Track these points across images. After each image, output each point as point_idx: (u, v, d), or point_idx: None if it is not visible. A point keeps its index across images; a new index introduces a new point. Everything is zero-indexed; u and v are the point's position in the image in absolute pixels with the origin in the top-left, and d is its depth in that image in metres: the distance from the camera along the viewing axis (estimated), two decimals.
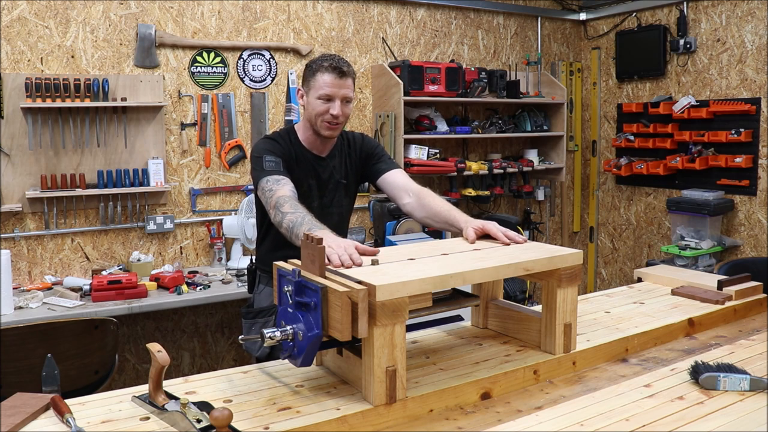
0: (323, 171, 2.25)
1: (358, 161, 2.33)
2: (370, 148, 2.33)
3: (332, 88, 2.09)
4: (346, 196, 2.34)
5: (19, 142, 3.30)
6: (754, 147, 4.19)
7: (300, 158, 2.20)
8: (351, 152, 2.32)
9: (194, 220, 3.80)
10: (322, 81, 2.10)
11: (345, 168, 2.30)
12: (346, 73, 2.12)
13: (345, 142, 2.31)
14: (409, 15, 4.45)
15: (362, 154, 2.32)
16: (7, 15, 3.26)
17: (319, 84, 2.10)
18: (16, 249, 3.34)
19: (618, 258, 5.29)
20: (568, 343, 1.58)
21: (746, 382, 1.37)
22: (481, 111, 4.80)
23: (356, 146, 2.33)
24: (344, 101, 2.13)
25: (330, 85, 2.09)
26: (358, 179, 2.36)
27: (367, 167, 2.32)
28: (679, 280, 2.21)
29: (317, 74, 2.12)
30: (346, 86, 2.12)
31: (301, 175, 2.17)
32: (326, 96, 2.10)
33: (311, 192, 2.22)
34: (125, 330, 3.62)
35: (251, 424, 1.23)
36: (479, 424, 1.32)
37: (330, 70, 2.09)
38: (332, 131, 2.16)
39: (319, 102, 2.11)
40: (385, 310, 1.27)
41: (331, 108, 2.10)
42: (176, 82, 3.70)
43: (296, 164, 2.18)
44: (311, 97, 2.13)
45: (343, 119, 2.15)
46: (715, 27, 4.39)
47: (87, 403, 1.34)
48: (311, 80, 2.14)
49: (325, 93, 2.09)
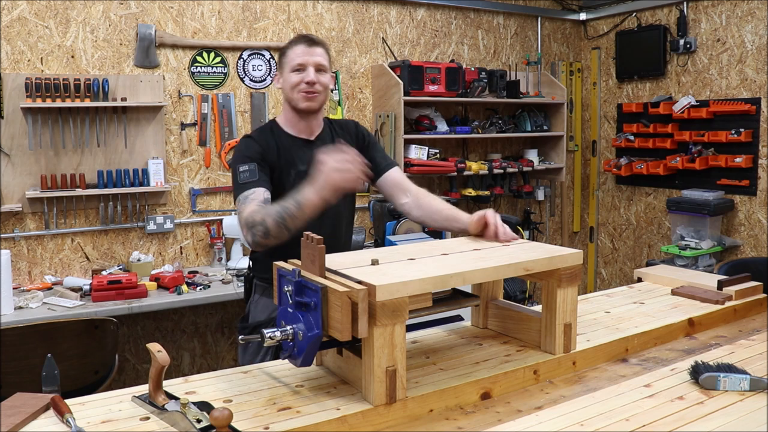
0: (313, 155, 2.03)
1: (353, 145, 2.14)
2: (364, 137, 2.24)
3: (303, 57, 2.04)
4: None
5: (19, 142, 3.30)
6: (754, 147, 4.19)
7: (283, 146, 2.10)
8: (344, 136, 2.20)
9: (194, 220, 3.80)
10: (293, 53, 2.06)
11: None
12: (316, 41, 2.09)
13: (335, 126, 2.22)
14: (409, 15, 4.45)
15: (358, 140, 2.20)
16: (7, 15, 3.26)
17: (290, 57, 2.07)
18: (16, 249, 3.34)
19: (618, 258, 5.29)
20: (568, 343, 1.58)
21: (746, 382, 1.37)
22: (481, 111, 4.80)
23: (349, 131, 2.23)
24: (318, 69, 2.06)
25: (301, 54, 2.05)
26: None
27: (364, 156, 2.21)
28: (679, 280, 2.21)
29: (288, 50, 2.09)
30: (316, 54, 2.06)
31: (286, 164, 2.08)
32: (298, 65, 2.05)
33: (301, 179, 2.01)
34: (125, 330, 3.62)
35: (251, 424, 1.23)
36: (479, 424, 1.32)
37: (298, 41, 2.08)
38: (310, 102, 2.07)
39: (293, 74, 2.06)
40: (385, 310, 1.27)
41: (305, 76, 2.04)
42: (176, 82, 3.70)
43: (279, 154, 2.08)
44: (285, 73, 2.08)
45: (320, 87, 2.07)
46: (715, 27, 4.39)
47: (87, 403, 1.34)
48: (284, 59, 2.10)
49: (297, 63, 2.05)
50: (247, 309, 2.24)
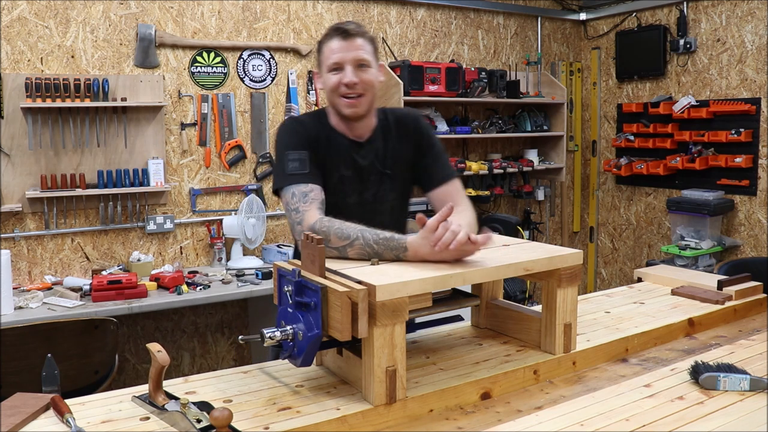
0: (362, 159, 1.86)
1: (410, 147, 1.92)
2: (426, 137, 1.94)
3: (339, 53, 1.75)
4: (392, 190, 1.92)
5: (19, 142, 3.30)
6: (754, 147, 4.19)
7: (330, 143, 1.84)
8: (400, 134, 1.91)
9: (194, 220, 3.80)
10: (329, 50, 1.78)
11: (391, 155, 1.89)
12: (353, 32, 1.77)
13: (392, 123, 1.91)
14: (409, 15, 4.45)
15: (417, 139, 1.92)
16: (7, 15, 3.26)
17: (326, 54, 1.78)
18: (16, 249, 3.34)
19: (618, 258, 5.28)
20: (568, 343, 1.58)
21: (746, 382, 1.37)
22: (481, 111, 4.80)
23: (408, 127, 1.93)
24: (358, 65, 1.76)
25: (336, 50, 1.76)
26: (410, 170, 1.94)
27: (421, 165, 1.93)
28: (679, 280, 2.21)
29: (323, 46, 1.80)
30: (354, 47, 1.76)
31: (332, 164, 1.83)
32: (334, 65, 1.76)
33: (345, 185, 1.85)
34: (125, 330, 3.62)
35: (251, 424, 1.23)
36: (479, 424, 1.32)
37: (333, 34, 1.77)
38: (354, 107, 1.78)
39: (330, 75, 1.78)
40: (385, 310, 1.27)
41: (343, 76, 1.75)
42: (176, 82, 3.70)
43: (327, 150, 1.83)
44: (324, 73, 1.81)
45: (362, 88, 1.77)
46: (715, 27, 4.39)
47: (87, 403, 1.34)
48: (321, 56, 1.82)
49: (332, 62, 1.76)
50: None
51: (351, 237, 1.53)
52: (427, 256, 1.47)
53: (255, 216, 3.72)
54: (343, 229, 1.55)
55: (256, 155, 3.96)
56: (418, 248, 1.48)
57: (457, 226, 1.45)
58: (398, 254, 1.50)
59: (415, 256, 1.48)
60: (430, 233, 1.45)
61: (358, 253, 1.52)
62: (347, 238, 1.53)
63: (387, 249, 1.50)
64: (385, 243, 1.51)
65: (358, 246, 1.52)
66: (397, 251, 1.50)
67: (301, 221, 1.66)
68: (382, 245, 1.50)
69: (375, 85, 1.82)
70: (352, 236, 1.53)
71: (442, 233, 1.44)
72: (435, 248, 1.44)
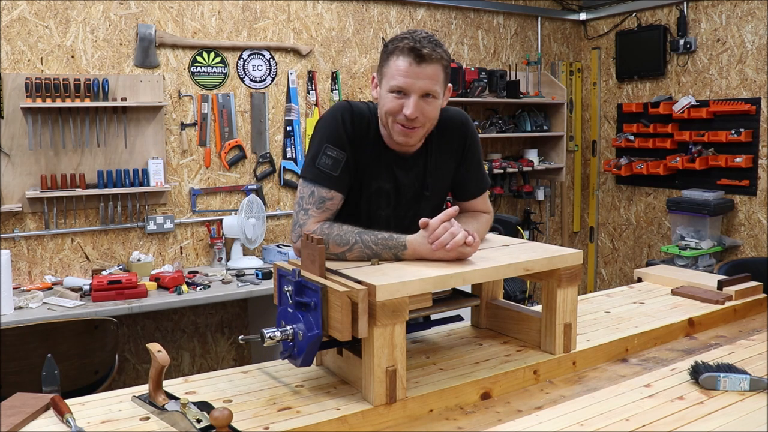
0: (404, 175, 1.71)
1: (453, 160, 1.77)
2: (470, 148, 1.78)
3: (406, 78, 1.55)
4: (426, 209, 1.76)
5: (19, 142, 3.29)
6: (754, 147, 4.19)
7: (376, 152, 1.68)
8: (443, 146, 1.74)
9: (194, 220, 3.80)
10: (395, 68, 1.56)
11: (432, 172, 1.74)
12: (428, 57, 1.54)
13: (436, 132, 1.71)
14: (409, 15, 4.45)
15: (461, 151, 1.77)
16: (7, 15, 3.26)
17: (392, 72, 1.57)
18: (16, 249, 3.34)
19: (618, 258, 5.28)
20: (568, 343, 1.58)
21: (746, 382, 1.37)
22: (481, 111, 4.80)
23: (453, 137, 1.75)
24: (424, 96, 1.57)
25: (404, 74, 1.55)
26: (448, 184, 1.81)
27: (458, 175, 1.79)
28: (679, 280, 2.21)
29: (391, 58, 1.59)
30: (425, 76, 1.55)
31: (372, 173, 1.69)
32: (398, 88, 1.56)
33: (381, 197, 1.72)
34: (125, 330, 3.62)
35: (251, 424, 1.23)
36: (479, 424, 1.32)
37: (405, 53, 1.55)
38: (407, 137, 1.61)
39: (390, 96, 1.58)
40: (385, 310, 1.27)
41: (405, 106, 1.56)
42: (176, 82, 3.70)
43: (370, 157, 1.68)
44: (383, 88, 1.62)
45: (422, 122, 1.59)
46: (715, 27, 4.39)
47: (87, 403, 1.34)
48: (384, 66, 1.61)
49: (397, 84, 1.56)
50: None
51: (350, 242, 1.52)
52: (425, 254, 1.49)
53: (255, 216, 3.72)
54: (341, 235, 1.53)
55: (256, 155, 3.96)
56: (417, 246, 1.49)
57: (457, 228, 1.46)
58: (397, 252, 1.51)
59: (413, 255, 1.50)
60: (430, 232, 1.47)
61: (358, 256, 1.53)
62: (346, 244, 1.52)
63: (386, 248, 1.51)
64: (384, 243, 1.52)
65: (357, 249, 1.52)
66: (395, 249, 1.51)
67: (304, 224, 1.61)
68: (381, 245, 1.52)
69: (434, 119, 1.64)
70: (351, 241, 1.52)
71: (441, 233, 1.46)
72: (432, 247, 1.46)
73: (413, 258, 1.50)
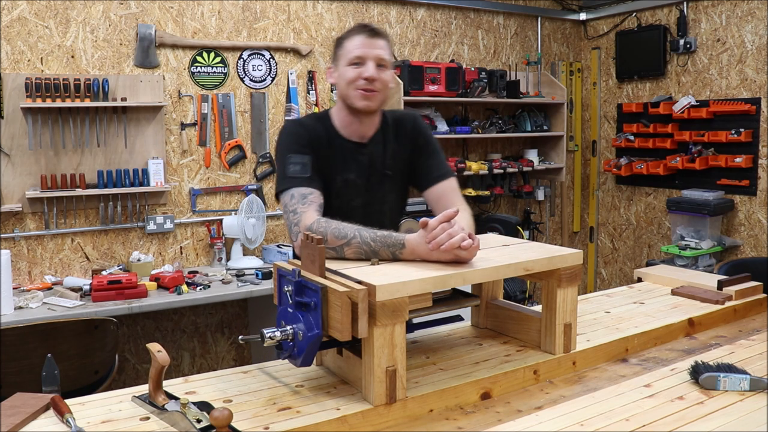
0: (364, 161, 1.90)
1: (408, 148, 1.97)
2: (423, 136, 1.99)
3: (363, 49, 1.81)
4: (392, 191, 1.98)
5: (19, 142, 3.29)
6: (754, 147, 4.19)
7: (334, 146, 1.88)
8: (399, 136, 1.96)
9: (194, 220, 3.80)
10: (351, 45, 1.83)
11: (391, 155, 1.95)
12: (378, 32, 1.84)
13: (391, 124, 1.97)
14: (409, 15, 4.45)
15: (414, 140, 1.97)
16: (7, 15, 3.26)
17: (348, 49, 1.83)
18: (16, 249, 3.34)
19: (618, 258, 5.28)
20: (568, 343, 1.58)
21: (746, 382, 1.37)
22: (481, 111, 4.80)
23: (406, 129, 1.98)
24: (379, 64, 1.82)
25: (360, 45, 1.81)
26: (408, 170, 1.99)
27: (417, 164, 1.98)
28: (679, 280, 2.21)
29: (345, 42, 1.85)
30: (377, 46, 1.82)
31: (334, 168, 1.86)
32: (357, 59, 1.81)
33: (349, 188, 1.89)
34: (125, 330, 3.62)
35: (251, 424, 1.23)
36: (479, 424, 1.32)
37: (359, 31, 1.84)
38: (368, 100, 1.83)
39: (350, 68, 1.82)
40: (385, 310, 1.27)
41: (364, 71, 1.80)
42: (176, 82, 3.70)
43: (330, 153, 1.87)
44: (341, 67, 1.85)
45: (380, 85, 1.83)
46: (715, 27, 4.39)
47: (87, 403, 1.34)
48: (339, 51, 1.87)
49: (355, 55, 1.81)
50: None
51: (348, 236, 1.54)
52: (423, 254, 1.48)
53: (255, 216, 3.72)
54: (340, 228, 1.56)
55: (256, 155, 3.96)
56: (415, 246, 1.49)
57: (456, 229, 1.46)
58: (395, 251, 1.51)
59: (412, 254, 1.50)
60: (428, 231, 1.47)
61: (356, 252, 1.53)
62: (344, 237, 1.54)
63: (384, 246, 1.51)
64: (383, 240, 1.52)
65: (356, 244, 1.53)
66: (394, 248, 1.51)
67: (299, 222, 1.67)
68: (380, 242, 1.52)
69: (388, 86, 1.87)
70: (349, 235, 1.54)
71: (438, 233, 1.45)
72: (429, 246, 1.46)
73: (411, 257, 1.50)
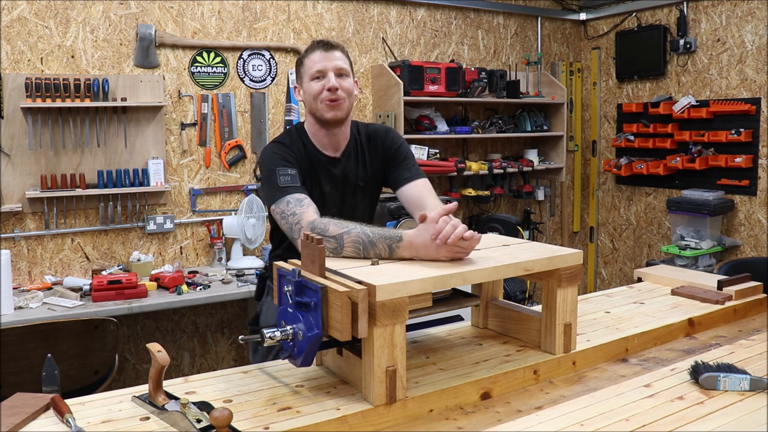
0: (338, 173, 2.02)
1: (379, 159, 2.08)
2: (393, 145, 2.09)
3: (322, 62, 1.93)
4: (363, 200, 2.10)
5: (19, 142, 3.30)
6: (754, 147, 4.19)
7: (311, 161, 1.98)
8: (371, 148, 2.08)
9: (194, 220, 3.80)
10: (311, 61, 1.95)
11: (363, 167, 2.06)
12: (333, 44, 1.97)
13: (363, 137, 2.08)
14: (409, 15, 4.45)
15: (385, 151, 2.08)
16: (7, 15, 3.26)
17: (308, 66, 1.95)
18: (16, 249, 3.34)
19: (618, 258, 5.28)
20: (568, 343, 1.58)
21: (746, 382, 1.37)
22: (481, 111, 4.80)
23: (378, 142, 2.09)
24: (339, 74, 1.94)
25: (318, 60, 1.93)
26: (379, 180, 2.12)
27: (390, 170, 2.08)
28: (679, 280, 2.21)
29: (305, 59, 1.98)
30: (335, 58, 1.95)
31: (312, 182, 1.97)
32: (318, 72, 1.93)
33: (325, 199, 1.99)
34: (125, 330, 3.62)
35: (251, 424, 1.23)
36: (479, 424, 1.32)
37: (315, 47, 1.96)
38: (335, 110, 1.93)
39: (313, 83, 1.94)
40: (385, 310, 1.27)
41: (326, 82, 1.91)
42: (176, 82, 3.70)
43: (309, 167, 1.97)
44: (305, 84, 1.97)
45: (343, 93, 1.93)
46: (715, 27, 4.39)
47: (87, 403, 1.34)
48: (301, 69, 1.99)
49: (316, 70, 1.93)
50: (259, 308, 2.19)
51: (348, 227, 1.58)
52: (421, 248, 1.48)
53: (255, 216, 3.72)
54: (341, 222, 1.62)
55: (256, 155, 3.96)
56: (413, 239, 1.49)
57: (457, 221, 1.47)
58: (392, 244, 1.51)
59: (409, 247, 1.49)
60: (430, 224, 1.47)
61: (354, 242, 1.54)
62: (345, 227, 1.58)
63: (382, 239, 1.52)
64: (381, 233, 1.54)
65: (355, 234, 1.55)
66: (391, 241, 1.51)
67: (300, 221, 1.72)
68: (378, 234, 1.53)
69: (353, 94, 1.98)
70: (350, 227, 1.58)
71: (443, 226, 1.45)
72: (435, 241, 1.45)
73: (408, 252, 1.50)
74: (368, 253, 1.52)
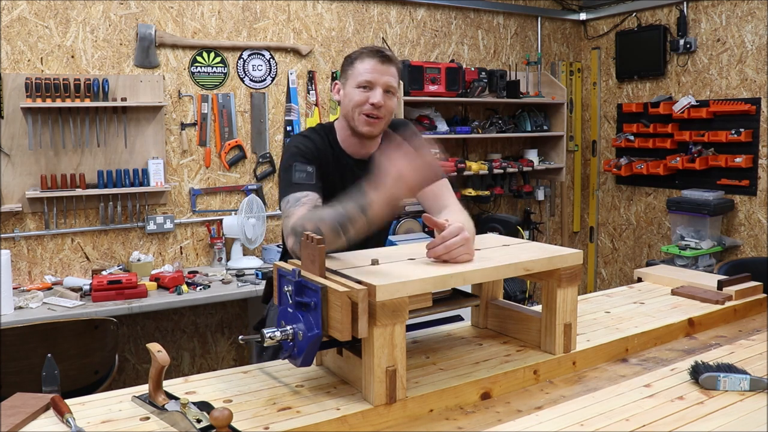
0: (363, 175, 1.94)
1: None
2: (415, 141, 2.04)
3: (373, 74, 1.83)
4: None
5: (19, 142, 3.30)
6: (754, 147, 4.19)
7: (339, 162, 1.92)
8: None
9: (194, 220, 3.80)
10: (362, 68, 1.84)
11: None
12: (390, 59, 1.86)
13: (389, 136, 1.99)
14: (409, 15, 4.45)
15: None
16: (7, 15, 3.26)
17: (358, 71, 1.85)
18: (16, 249, 3.34)
19: (618, 258, 5.28)
20: (568, 343, 1.57)
21: (746, 382, 1.37)
22: (481, 111, 4.80)
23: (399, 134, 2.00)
24: (387, 91, 1.84)
25: (370, 70, 1.83)
26: None
27: None
28: (679, 280, 2.21)
29: (356, 62, 1.87)
30: (389, 73, 1.84)
31: (335, 182, 1.89)
32: (366, 82, 1.83)
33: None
34: (125, 330, 3.62)
35: (251, 424, 1.23)
36: (479, 424, 1.32)
37: (371, 55, 1.84)
38: (372, 127, 1.86)
39: (357, 91, 1.84)
40: (385, 310, 1.27)
41: (371, 96, 1.82)
42: (176, 82, 3.70)
43: (334, 168, 1.91)
44: (349, 87, 1.87)
45: (385, 112, 1.86)
46: (715, 27, 4.39)
47: (87, 403, 1.34)
48: (349, 70, 1.89)
49: (364, 79, 1.83)
50: (266, 312, 2.14)
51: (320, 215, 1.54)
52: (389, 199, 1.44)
53: (255, 216, 3.72)
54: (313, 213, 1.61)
55: (256, 155, 3.96)
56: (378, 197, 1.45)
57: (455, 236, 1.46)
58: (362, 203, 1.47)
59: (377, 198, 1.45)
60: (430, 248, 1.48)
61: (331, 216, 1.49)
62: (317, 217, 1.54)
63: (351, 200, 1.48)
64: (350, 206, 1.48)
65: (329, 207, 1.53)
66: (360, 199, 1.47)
67: (287, 222, 1.70)
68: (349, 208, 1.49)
69: (392, 114, 1.91)
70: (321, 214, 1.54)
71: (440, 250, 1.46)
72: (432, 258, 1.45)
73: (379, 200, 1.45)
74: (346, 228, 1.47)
